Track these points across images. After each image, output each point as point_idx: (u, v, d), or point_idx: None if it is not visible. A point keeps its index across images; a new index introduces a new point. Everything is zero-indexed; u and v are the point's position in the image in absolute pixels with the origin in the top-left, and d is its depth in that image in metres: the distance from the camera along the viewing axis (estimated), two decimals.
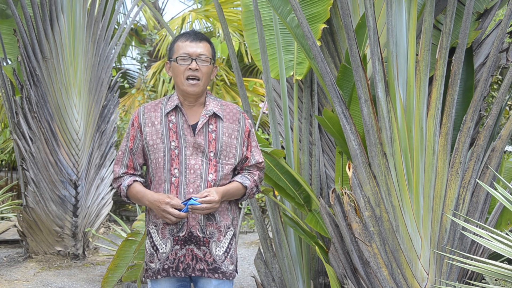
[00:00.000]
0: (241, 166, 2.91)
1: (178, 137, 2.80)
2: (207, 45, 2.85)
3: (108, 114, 6.85)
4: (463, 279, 3.36)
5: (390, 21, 3.31)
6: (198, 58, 2.80)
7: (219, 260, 2.81)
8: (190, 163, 2.78)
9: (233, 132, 2.85)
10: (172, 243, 2.79)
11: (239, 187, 2.86)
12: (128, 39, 11.64)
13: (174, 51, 2.85)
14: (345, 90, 3.70)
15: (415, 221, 3.31)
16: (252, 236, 8.09)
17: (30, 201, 6.44)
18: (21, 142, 6.36)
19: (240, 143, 2.87)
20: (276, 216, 4.08)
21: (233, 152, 2.84)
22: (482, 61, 3.72)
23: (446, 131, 3.34)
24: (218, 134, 2.83)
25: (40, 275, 6.01)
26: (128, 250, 4.31)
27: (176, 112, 2.85)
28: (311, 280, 4.08)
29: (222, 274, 2.81)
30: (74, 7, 6.43)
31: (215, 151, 2.80)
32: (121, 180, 2.89)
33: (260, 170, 2.95)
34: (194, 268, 2.79)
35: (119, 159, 2.92)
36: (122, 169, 2.90)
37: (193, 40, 2.83)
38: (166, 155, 2.79)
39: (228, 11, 10.29)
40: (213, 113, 2.84)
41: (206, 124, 2.82)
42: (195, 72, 2.80)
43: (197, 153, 2.79)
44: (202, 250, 2.79)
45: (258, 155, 2.93)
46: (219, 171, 2.81)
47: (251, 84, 9.03)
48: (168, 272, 2.80)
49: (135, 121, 2.87)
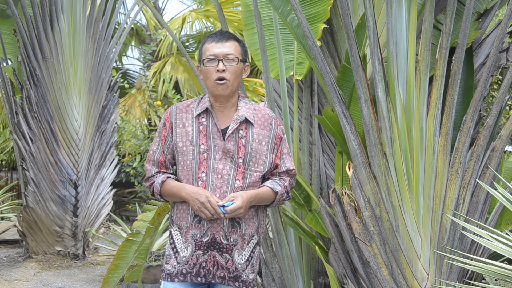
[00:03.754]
0: (271, 173, 2.85)
1: (207, 141, 2.74)
2: (234, 43, 2.77)
3: (108, 114, 6.85)
4: (463, 279, 3.36)
5: (390, 21, 3.31)
6: (225, 59, 2.73)
7: (240, 268, 2.76)
8: (218, 168, 2.72)
9: (264, 139, 2.79)
10: (194, 248, 2.73)
11: (270, 192, 2.79)
12: (128, 39, 11.64)
13: (202, 54, 2.77)
14: (345, 90, 3.70)
15: (415, 221, 3.31)
16: None
17: (30, 201, 6.44)
18: (21, 142, 6.36)
19: (270, 150, 2.80)
20: (276, 216, 4.08)
21: (263, 159, 2.78)
22: (482, 61, 3.72)
23: (446, 131, 3.34)
24: (248, 140, 2.76)
25: (40, 275, 6.01)
26: (129, 251, 4.30)
27: (207, 115, 2.77)
28: (311, 280, 4.08)
29: (242, 283, 2.76)
30: (74, 7, 6.44)
31: (244, 157, 2.74)
32: (153, 178, 2.84)
33: (291, 177, 2.89)
34: (215, 275, 2.74)
35: (150, 158, 2.86)
36: (155, 168, 2.84)
37: (219, 41, 2.76)
38: (195, 158, 2.73)
39: (228, 11, 10.29)
40: (244, 118, 2.77)
41: (237, 130, 2.75)
42: (222, 73, 2.72)
43: (226, 158, 2.73)
44: (224, 257, 2.74)
45: (289, 162, 2.87)
46: (247, 178, 2.74)
47: (251, 84, 9.01)
48: (186, 277, 2.74)
49: (166, 121, 2.81)
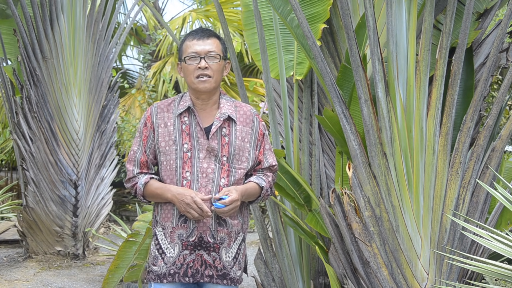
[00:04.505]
0: (254, 169, 2.86)
1: (191, 140, 2.73)
2: (216, 41, 2.77)
3: (108, 114, 6.84)
4: (463, 279, 3.36)
5: (390, 21, 3.31)
6: (207, 56, 2.72)
7: (228, 266, 2.76)
8: (203, 167, 2.71)
9: (247, 136, 2.79)
10: (181, 248, 2.72)
11: (256, 188, 2.80)
12: (128, 39, 11.64)
13: (183, 51, 2.77)
14: (345, 90, 3.70)
15: (415, 221, 3.31)
16: (252, 236, 8.09)
17: (30, 201, 6.44)
18: (21, 142, 6.36)
19: (253, 147, 2.80)
20: (276, 216, 4.08)
21: (246, 156, 2.78)
22: (482, 61, 3.72)
23: (446, 131, 3.34)
24: (231, 138, 2.76)
25: (40, 275, 6.01)
26: (129, 251, 4.30)
27: (189, 113, 2.76)
28: (311, 280, 4.08)
29: (230, 281, 2.76)
30: (74, 7, 6.43)
31: (228, 155, 2.74)
32: (135, 179, 2.80)
33: (273, 172, 2.90)
34: (203, 274, 2.73)
35: (131, 159, 2.82)
36: (136, 169, 2.80)
37: (200, 38, 2.75)
38: (178, 157, 2.72)
39: (228, 11, 10.28)
40: (227, 116, 2.77)
41: (220, 128, 2.75)
42: (205, 71, 2.72)
43: (210, 156, 2.72)
44: (211, 256, 2.73)
45: (272, 158, 2.87)
46: (232, 175, 2.74)
47: (251, 84, 9.02)
48: (174, 278, 2.73)
49: (147, 121, 2.79)
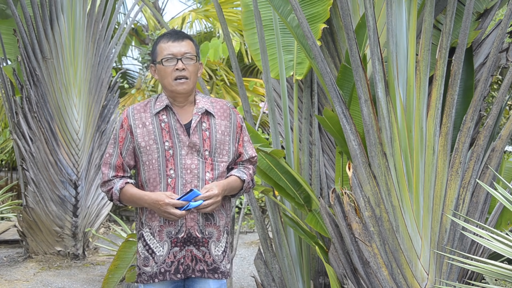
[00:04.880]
0: (235, 162, 2.88)
1: (171, 137, 2.74)
2: (190, 43, 2.79)
3: (108, 114, 6.84)
4: (463, 279, 3.36)
5: (390, 21, 3.31)
6: (184, 57, 2.74)
7: (218, 260, 2.78)
8: (186, 163, 2.73)
9: (226, 129, 2.81)
10: (170, 245, 2.73)
11: (238, 181, 2.82)
12: (128, 39, 11.64)
13: (158, 53, 2.77)
14: (345, 90, 3.70)
15: (415, 221, 3.31)
16: (252, 236, 8.09)
17: (30, 201, 6.44)
18: (21, 142, 6.36)
19: (232, 140, 2.83)
20: (276, 216, 4.08)
21: (226, 149, 2.80)
22: (482, 61, 3.72)
23: (446, 131, 3.34)
24: (212, 132, 2.78)
25: (40, 275, 6.01)
26: (128, 251, 4.30)
27: (167, 112, 2.77)
28: (311, 280, 4.08)
29: (221, 274, 2.79)
30: (74, 7, 6.43)
31: (210, 149, 2.76)
32: (111, 183, 2.78)
33: (253, 164, 2.92)
34: (194, 269, 2.75)
35: (107, 162, 2.80)
36: (112, 172, 2.78)
37: (176, 40, 2.76)
38: (161, 156, 2.72)
39: (228, 11, 10.28)
40: (204, 110, 2.79)
41: (199, 123, 2.77)
42: (182, 72, 2.73)
43: (192, 152, 2.74)
44: (201, 251, 2.75)
45: (251, 150, 2.90)
46: (216, 169, 2.77)
47: (251, 84, 9.01)
48: (165, 276, 2.73)
49: (124, 123, 2.78)
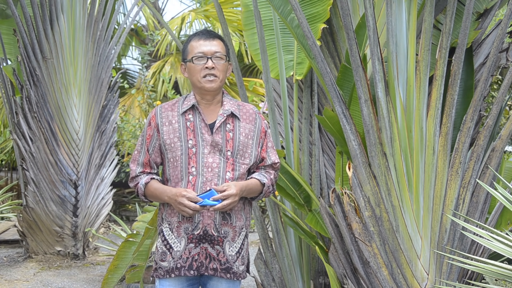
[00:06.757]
0: (257, 166, 2.91)
1: (195, 136, 2.80)
2: (220, 42, 2.85)
3: (108, 114, 6.85)
4: (463, 279, 3.36)
5: (390, 21, 3.31)
6: (214, 56, 2.80)
7: (231, 260, 2.80)
8: (208, 162, 2.77)
9: (250, 133, 2.85)
10: (186, 241, 2.77)
11: (258, 184, 2.85)
12: (128, 39, 11.63)
13: (189, 52, 2.84)
14: (345, 90, 3.70)
15: (415, 221, 3.31)
16: (252, 236, 8.09)
17: (30, 201, 6.44)
18: (21, 142, 6.36)
19: (255, 144, 2.87)
20: (276, 216, 4.08)
21: (249, 152, 2.84)
22: (482, 61, 3.72)
23: (446, 131, 3.34)
24: (236, 134, 2.82)
25: (40, 275, 6.01)
26: (128, 251, 4.30)
27: (193, 111, 2.84)
28: (311, 280, 4.08)
29: (233, 274, 2.81)
30: (74, 7, 6.43)
31: (232, 150, 2.80)
32: (138, 179, 2.89)
33: (275, 170, 2.95)
34: (207, 267, 2.78)
35: (135, 158, 2.91)
36: (139, 168, 2.89)
37: (207, 39, 2.83)
38: (184, 153, 2.78)
39: (228, 11, 10.28)
40: (230, 112, 2.84)
41: (224, 123, 2.82)
42: (211, 71, 2.79)
43: (214, 151, 2.78)
44: (215, 249, 2.78)
45: (274, 156, 2.93)
46: (236, 170, 2.80)
47: (251, 84, 9.02)
48: (180, 271, 2.78)
49: (152, 121, 2.87)
